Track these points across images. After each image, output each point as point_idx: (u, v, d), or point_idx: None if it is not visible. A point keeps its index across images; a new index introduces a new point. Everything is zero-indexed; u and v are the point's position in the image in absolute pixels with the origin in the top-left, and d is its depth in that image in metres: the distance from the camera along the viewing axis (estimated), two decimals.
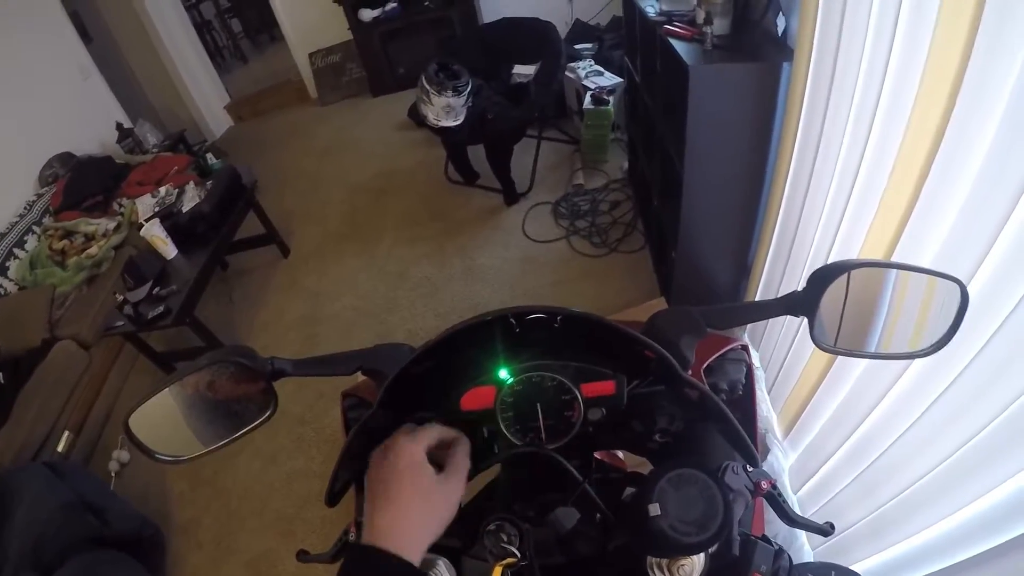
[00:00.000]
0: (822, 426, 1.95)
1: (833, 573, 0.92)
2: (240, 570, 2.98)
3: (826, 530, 0.90)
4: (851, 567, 0.92)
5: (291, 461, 3.37)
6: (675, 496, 0.75)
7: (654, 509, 0.74)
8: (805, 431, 2.06)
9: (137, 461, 3.59)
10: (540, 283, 4.00)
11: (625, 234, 4.20)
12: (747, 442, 0.86)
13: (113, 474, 3.53)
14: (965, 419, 1.23)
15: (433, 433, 0.87)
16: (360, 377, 1.02)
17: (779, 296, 0.88)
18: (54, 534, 2.64)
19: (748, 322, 0.99)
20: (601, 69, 4.98)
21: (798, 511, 0.93)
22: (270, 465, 3.39)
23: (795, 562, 0.82)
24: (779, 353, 2.29)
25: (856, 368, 1.68)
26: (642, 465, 1.01)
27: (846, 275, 0.82)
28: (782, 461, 2.18)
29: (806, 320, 0.84)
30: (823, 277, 0.82)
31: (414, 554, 0.73)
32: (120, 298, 3.56)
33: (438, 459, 0.85)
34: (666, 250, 3.32)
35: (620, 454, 1.43)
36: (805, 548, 1.91)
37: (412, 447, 0.83)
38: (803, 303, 0.84)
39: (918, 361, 1.36)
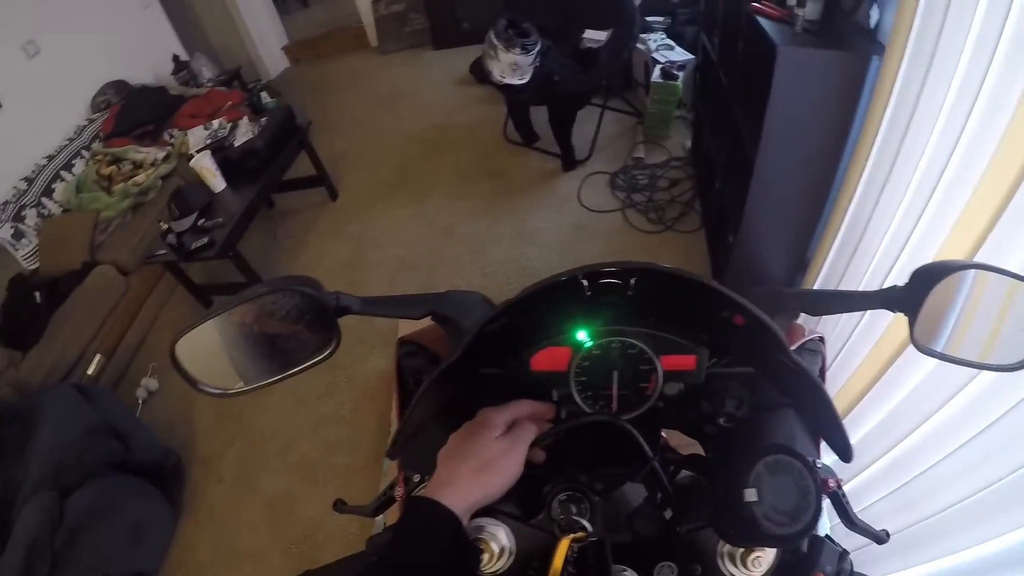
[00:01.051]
0: (868, 431, 1.89)
1: None
2: (258, 509, 2.98)
3: (882, 537, 0.87)
4: None
5: (321, 405, 3.36)
6: (771, 482, 0.70)
7: (751, 494, 0.69)
8: (850, 433, 1.96)
9: (165, 391, 3.60)
10: (591, 252, 3.94)
11: (682, 213, 4.12)
12: (844, 433, 0.81)
13: (140, 401, 3.55)
14: (1018, 446, 1.19)
15: (524, 406, 0.87)
16: (411, 326, 0.99)
17: (878, 289, 0.82)
18: (77, 456, 2.68)
19: (842, 312, 0.94)
20: (672, 43, 4.88)
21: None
22: (300, 407, 3.38)
23: None
24: (833, 347, 2.20)
25: (913, 375, 1.62)
26: (684, 447, 0.99)
27: (952, 276, 0.76)
28: (827, 458, 2.10)
29: (904, 317, 0.78)
30: (930, 275, 0.76)
31: (462, 510, 0.71)
32: (164, 227, 3.57)
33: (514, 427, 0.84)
34: (724, 234, 3.28)
35: (663, 433, 1.35)
36: None
37: (494, 415, 0.83)
38: (905, 300, 0.77)
39: (980, 379, 1.31)
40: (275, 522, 2.90)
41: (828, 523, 0.94)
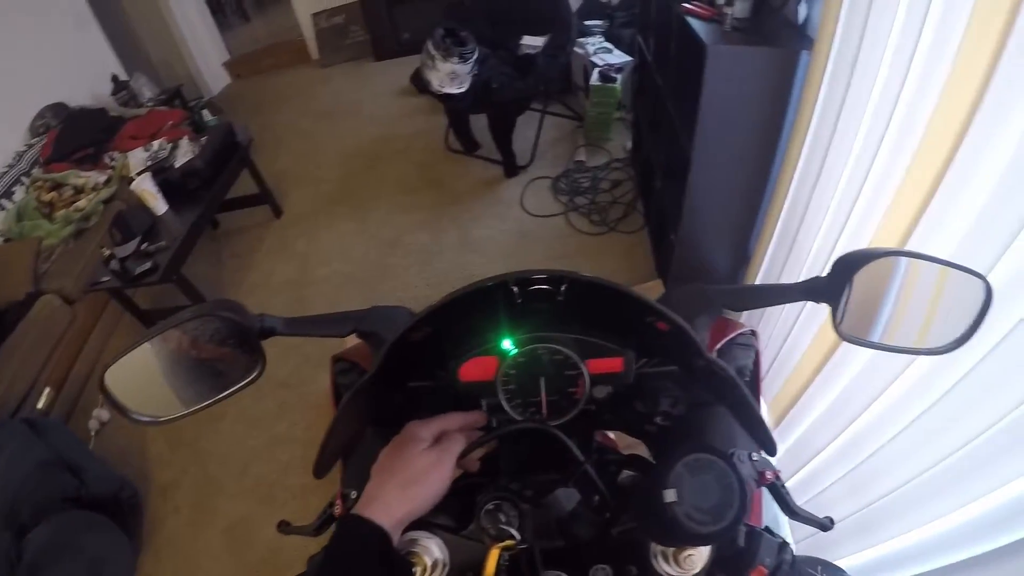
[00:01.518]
0: (815, 419, 1.92)
1: (820, 568, 0.87)
2: (218, 536, 2.94)
3: (826, 525, 0.88)
4: (835, 563, 0.88)
5: (274, 426, 3.33)
6: (691, 482, 0.70)
7: (671, 495, 0.69)
8: (796, 423, 2.02)
9: (118, 420, 3.54)
10: (536, 257, 3.96)
11: (624, 214, 4.17)
12: (766, 428, 0.82)
13: (93, 433, 3.48)
14: (963, 423, 1.21)
15: (453, 419, 0.89)
16: (351, 341, 0.98)
17: (800, 281, 0.82)
18: (30, 492, 2.61)
19: (766, 305, 0.96)
20: (610, 46, 4.93)
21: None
22: (252, 429, 3.35)
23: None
24: (775, 341, 2.24)
25: (855, 362, 1.65)
26: (633, 447, 1.00)
27: (872, 264, 0.77)
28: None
29: (828, 308, 0.79)
30: (850, 264, 0.77)
31: (390, 525, 0.73)
32: (107, 253, 3.49)
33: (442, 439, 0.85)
34: (665, 232, 3.30)
35: (612, 435, 1.38)
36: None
37: (419, 429, 0.85)
38: (827, 290, 0.79)
39: (920, 360, 1.34)
40: (235, 548, 2.87)
41: (784, 516, 0.96)
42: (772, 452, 0.84)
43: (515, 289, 0.82)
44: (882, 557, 1.48)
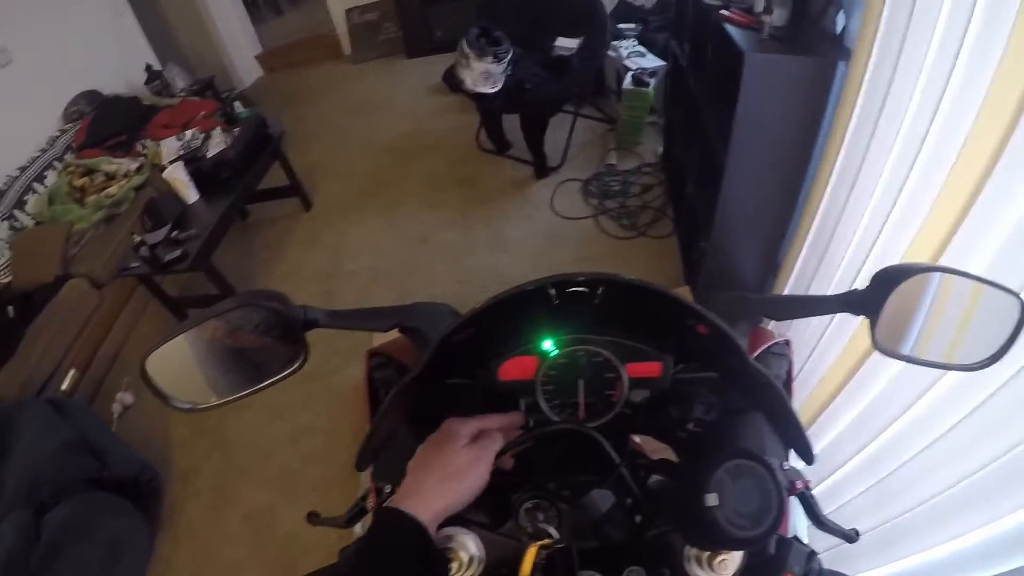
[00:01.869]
0: (841, 430, 1.90)
1: None
2: (237, 522, 2.96)
3: (852, 536, 0.88)
4: None
5: (298, 417, 3.35)
6: (732, 487, 0.70)
7: (712, 499, 0.70)
8: (822, 433, 2.00)
9: (140, 404, 3.57)
10: (564, 259, 3.96)
11: (654, 219, 4.15)
12: (805, 437, 0.83)
13: (116, 416, 3.51)
14: (991, 440, 1.20)
15: (491, 419, 0.89)
16: (383, 336, 1.01)
17: (839, 292, 0.83)
18: (52, 473, 2.64)
19: (804, 316, 0.96)
20: (644, 50, 4.91)
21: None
22: (276, 419, 3.37)
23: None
24: (803, 351, 2.22)
25: (883, 375, 1.63)
26: (658, 452, 0.99)
27: (915, 279, 0.77)
28: (796, 462, 2.12)
29: (865, 320, 0.80)
30: (890, 278, 0.77)
31: (428, 519, 0.73)
32: (137, 239, 3.53)
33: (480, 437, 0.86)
34: (695, 239, 3.29)
35: (637, 439, 1.37)
36: None
37: (459, 426, 0.85)
38: (866, 302, 0.79)
39: (949, 376, 1.33)
40: (254, 535, 2.89)
41: (804, 524, 0.95)
42: (810, 461, 0.85)
43: (553, 291, 0.83)
44: (901, 573, 1.48)
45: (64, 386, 3.40)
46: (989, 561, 1.17)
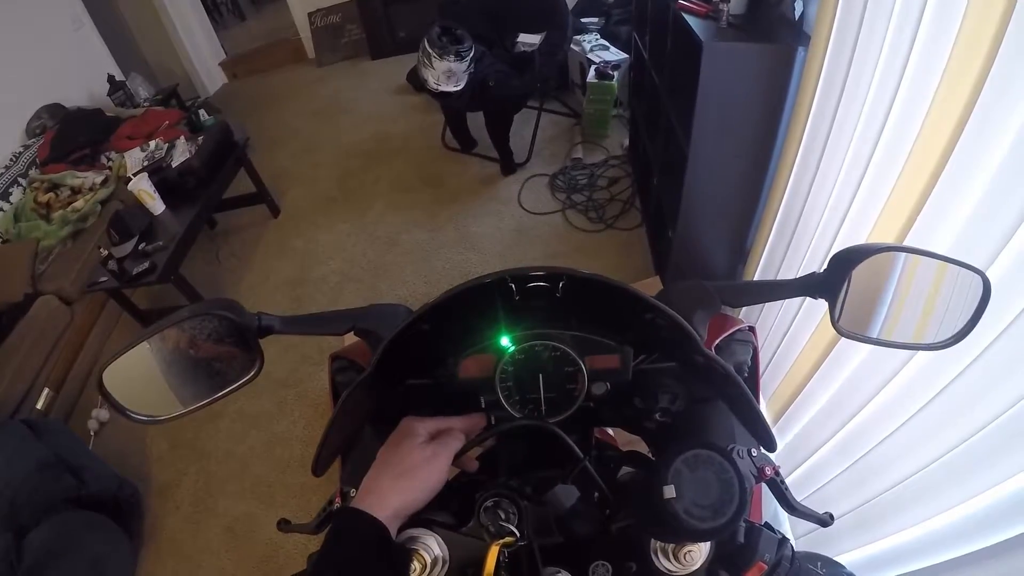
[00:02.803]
0: (814, 415, 1.91)
1: (819, 563, 0.87)
2: (219, 533, 2.95)
3: (826, 520, 0.88)
4: (835, 559, 0.89)
5: (273, 425, 3.34)
6: (690, 478, 0.71)
7: (669, 491, 0.70)
8: (795, 418, 2.03)
9: (117, 421, 3.55)
10: (534, 254, 3.96)
11: (622, 211, 4.16)
12: (766, 424, 0.82)
13: (92, 433, 3.49)
14: (963, 418, 1.21)
15: (450, 421, 0.88)
16: (349, 339, 0.99)
17: (798, 276, 0.84)
18: (30, 493, 2.61)
19: (764, 301, 0.97)
20: (607, 44, 4.93)
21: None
22: (251, 429, 3.35)
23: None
24: (774, 336, 2.25)
25: (854, 358, 1.65)
26: (633, 444, 1.00)
27: (870, 259, 0.78)
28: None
29: (826, 303, 0.81)
30: (847, 260, 0.78)
31: (386, 517, 0.73)
32: (104, 253, 3.50)
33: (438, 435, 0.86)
34: (663, 229, 3.29)
35: (611, 431, 1.38)
36: None
37: (416, 424, 0.85)
38: (824, 285, 0.80)
39: (919, 356, 1.34)
40: (236, 546, 2.88)
41: (785, 512, 0.96)
42: (772, 448, 0.85)
43: (513, 286, 0.83)
44: (882, 552, 1.48)
45: (39, 405, 3.38)
46: (966, 538, 1.18)
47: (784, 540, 0.79)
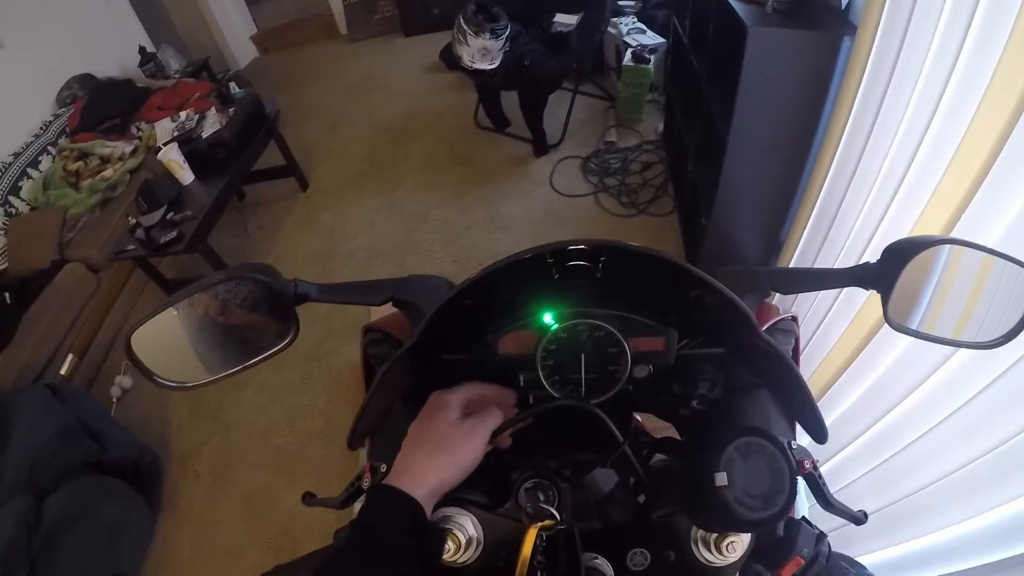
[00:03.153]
0: (846, 409, 1.89)
1: (844, 563, 0.84)
2: (237, 504, 2.96)
3: (860, 518, 0.84)
4: (857, 559, 0.86)
5: (295, 398, 3.35)
6: (743, 466, 0.68)
7: (721, 479, 0.67)
8: (827, 412, 1.95)
9: (139, 388, 3.57)
10: (563, 236, 3.79)
11: (655, 197, 4.13)
12: (818, 413, 0.80)
13: (115, 400, 3.51)
14: (1001, 421, 1.18)
15: (475, 389, 0.85)
16: (380, 312, 0.98)
17: (850, 266, 0.81)
18: (51, 458, 2.64)
19: (813, 289, 0.94)
20: (644, 27, 4.88)
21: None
22: (274, 400, 3.37)
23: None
24: (808, 327, 2.22)
25: (891, 352, 1.62)
26: (660, 431, 0.98)
27: (926, 252, 0.75)
28: (802, 440, 2.11)
29: (876, 295, 0.78)
30: (903, 251, 0.75)
31: (421, 495, 0.71)
32: (133, 221, 3.52)
33: (474, 411, 0.83)
34: (697, 217, 3.28)
35: (639, 417, 1.35)
36: None
37: (447, 396, 0.82)
38: (878, 276, 0.77)
39: (958, 354, 1.31)
40: (254, 517, 2.89)
41: (806, 504, 0.93)
42: (823, 440, 0.83)
43: (551, 262, 0.81)
44: (906, 555, 1.46)
45: (63, 371, 3.41)
46: (994, 546, 1.16)
47: (822, 536, 0.78)
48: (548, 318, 0.83)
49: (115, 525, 2.64)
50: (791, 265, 2.46)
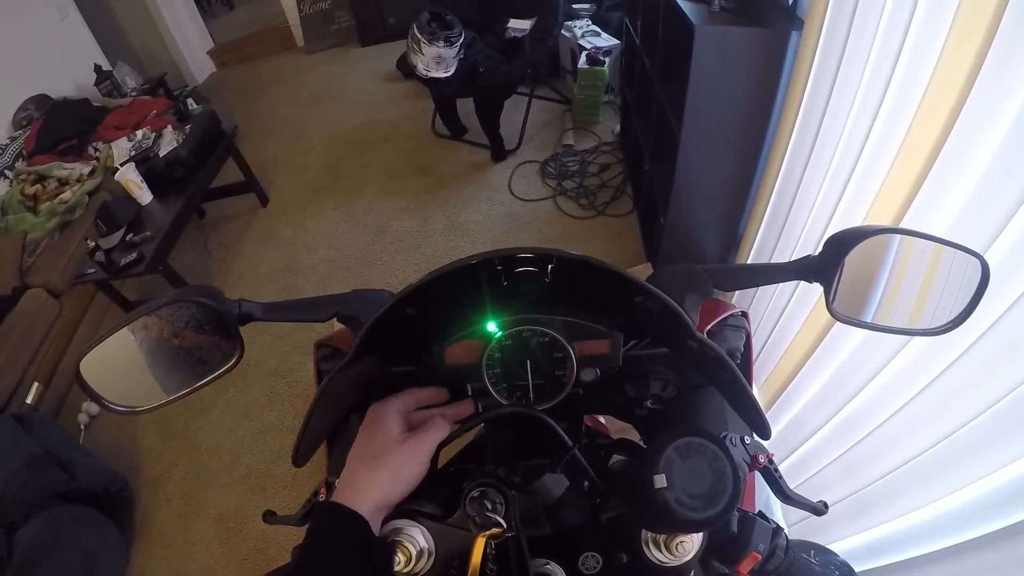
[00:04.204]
0: (807, 401, 1.91)
1: (812, 552, 0.86)
2: (209, 526, 2.94)
3: (820, 509, 0.87)
4: (828, 546, 0.88)
5: (263, 416, 3.33)
6: (682, 467, 0.68)
7: (660, 480, 0.67)
8: (788, 405, 2.02)
9: (106, 415, 3.52)
10: (524, 241, 3.94)
11: (613, 197, 4.17)
12: (759, 410, 0.80)
13: (82, 427, 3.48)
14: (959, 405, 1.20)
15: (411, 396, 0.86)
16: (336, 326, 0.97)
17: (792, 260, 0.81)
18: (20, 488, 2.60)
19: (756, 285, 0.94)
20: (598, 30, 4.92)
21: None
22: (242, 419, 3.34)
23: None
24: (767, 322, 2.25)
25: (848, 344, 1.64)
26: (624, 432, 0.99)
27: (865, 242, 0.75)
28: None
29: (820, 288, 0.79)
30: (843, 243, 0.76)
31: (366, 511, 0.71)
32: (92, 244, 3.48)
33: (419, 421, 0.84)
34: (655, 216, 3.31)
35: (602, 419, 1.37)
36: None
37: (384, 409, 0.83)
38: (819, 269, 0.78)
39: (915, 342, 1.33)
40: (227, 538, 2.87)
41: (776, 500, 0.94)
42: (766, 435, 0.82)
43: (501, 270, 0.81)
44: (875, 540, 1.48)
45: (29, 400, 3.36)
46: (961, 526, 1.17)
47: (778, 529, 0.78)
48: (492, 326, 0.83)
49: (89, 554, 2.60)
50: (749, 258, 2.49)
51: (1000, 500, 1.09)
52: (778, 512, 1.86)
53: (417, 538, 0.76)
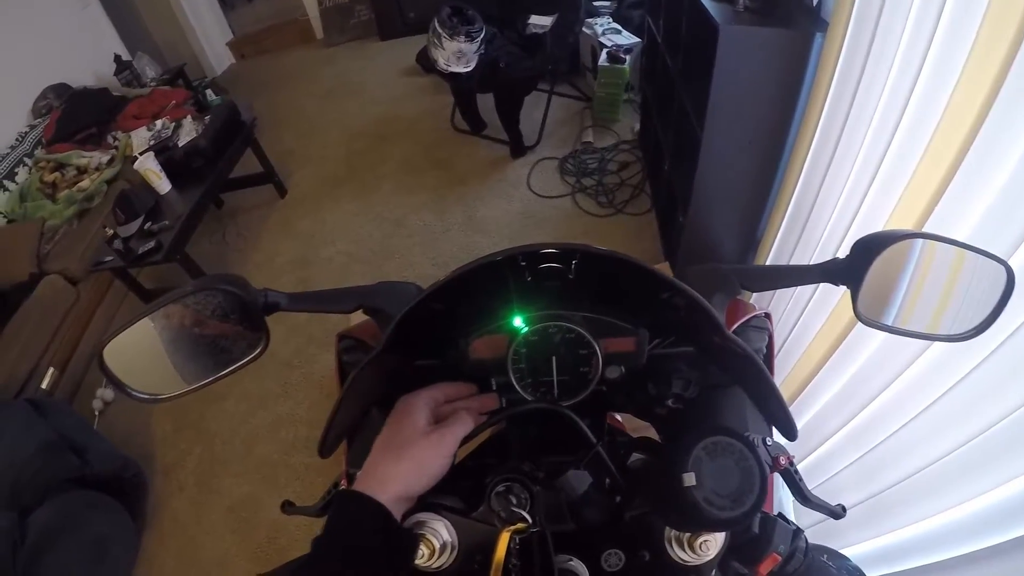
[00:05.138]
0: (825, 403, 1.89)
1: (825, 556, 0.85)
2: (222, 514, 2.95)
3: (838, 512, 0.86)
4: (841, 551, 0.87)
5: (277, 406, 3.34)
6: (710, 465, 0.68)
7: (689, 479, 0.67)
8: (806, 407, 2.00)
9: (121, 401, 3.55)
10: (541, 238, 3.84)
11: (632, 196, 4.15)
12: (787, 411, 0.80)
13: (97, 413, 3.50)
14: (978, 412, 1.18)
15: (440, 389, 0.85)
16: (356, 319, 0.96)
17: (819, 262, 0.81)
18: (34, 473, 2.61)
19: (783, 287, 0.93)
20: (619, 27, 4.89)
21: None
22: (257, 409, 3.35)
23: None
24: (786, 323, 2.22)
25: (867, 347, 1.62)
26: (640, 430, 0.98)
27: (897, 247, 0.75)
28: (780, 437, 2.12)
29: (845, 290, 0.78)
30: (871, 246, 0.75)
31: (387, 500, 0.71)
32: (110, 232, 3.49)
33: (445, 414, 0.83)
34: (673, 215, 3.28)
35: (619, 417, 1.35)
36: None
37: (413, 401, 0.82)
38: (847, 271, 0.77)
39: (935, 347, 1.31)
40: (239, 527, 2.88)
41: (789, 500, 0.93)
42: (792, 437, 0.83)
43: (524, 264, 0.82)
44: (889, 546, 1.47)
45: (44, 385, 3.38)
46: (977, 534, 1.16)
47: (799, 531, 0.78)
48: (518, 321, 0.84)
49: (101, 539, 2.61)
50: (768, 262, 2.47)
51: (1018, 508, 1.08)
52: (791, 515, 1.84)
53: (441, 532, 0.76)
